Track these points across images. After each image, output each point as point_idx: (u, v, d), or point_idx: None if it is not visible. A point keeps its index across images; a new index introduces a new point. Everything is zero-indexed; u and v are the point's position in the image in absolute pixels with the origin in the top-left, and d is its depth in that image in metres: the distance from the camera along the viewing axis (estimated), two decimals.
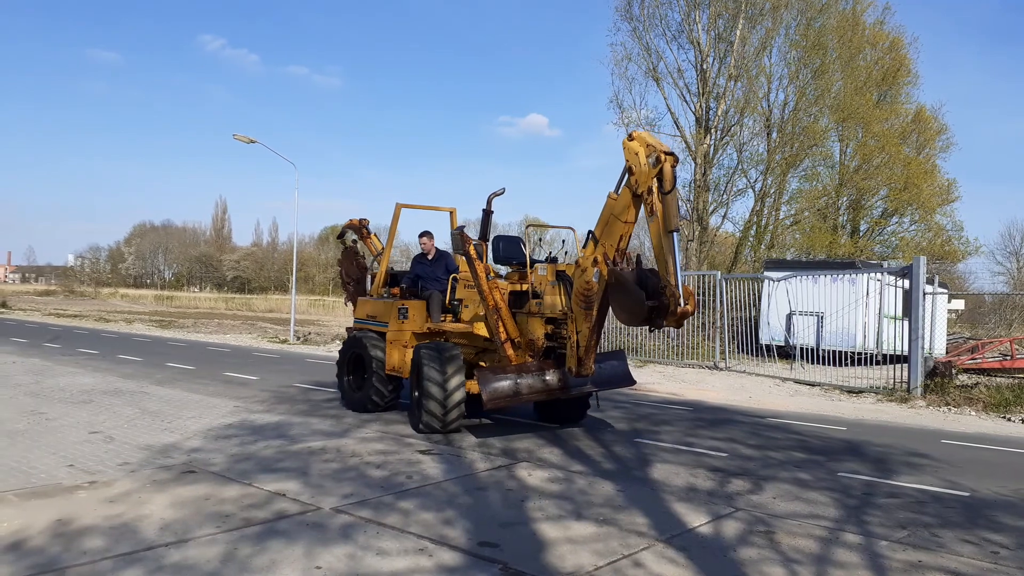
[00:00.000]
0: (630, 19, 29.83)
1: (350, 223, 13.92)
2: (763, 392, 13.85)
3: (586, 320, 7.65)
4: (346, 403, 10.57)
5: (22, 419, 8.92)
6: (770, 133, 29.96)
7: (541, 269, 8.84)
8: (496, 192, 10.09)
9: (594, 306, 7.59)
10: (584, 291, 7.59)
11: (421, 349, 8.95)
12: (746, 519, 5.64)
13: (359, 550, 4.73)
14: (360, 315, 11.06)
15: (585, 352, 7.83)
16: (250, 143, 25.96)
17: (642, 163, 6.91)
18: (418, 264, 10.55)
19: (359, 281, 13.67)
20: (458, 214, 11.55)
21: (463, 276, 9.65)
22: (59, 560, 4.44)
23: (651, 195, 6.86)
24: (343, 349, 10.78)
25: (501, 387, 8.11)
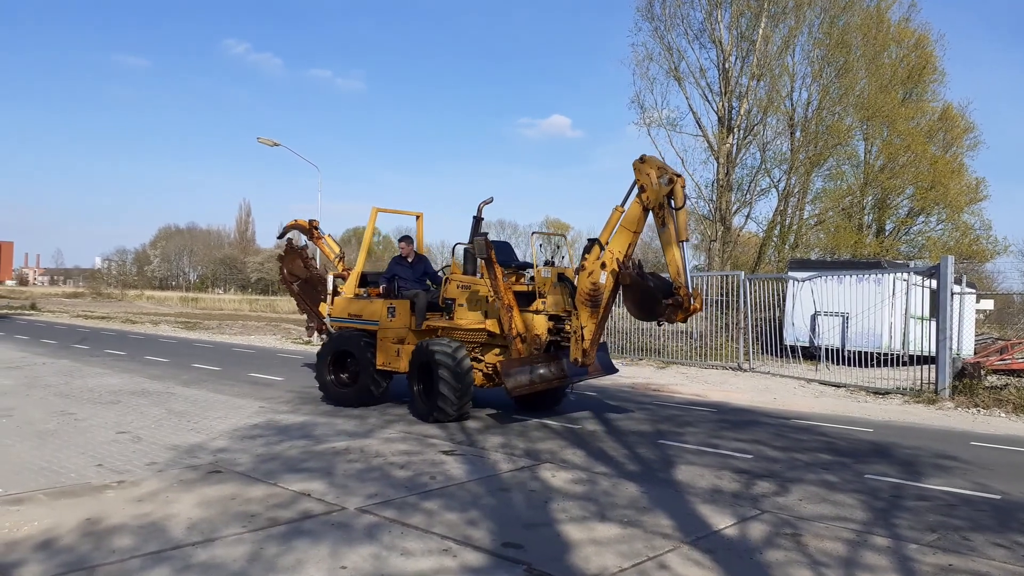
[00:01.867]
0: (651, 19, 29.68)
1: (296, 224, 14.01)
2: (788, 393, 13.73)
3: (592, 317, 8.75)
4: (331, 400, 10.86)
5: (52, 419, 9.05)
6: (793, 132, 29.69)
7: (545, 272, 9.78)
8: (485, 201, 10.70)
9: (600, 305, 8.72)
10: (591, 291, 8.67)
11: (432, 345, 9.55)
12: (772, 521, 5.59)
13: (384, 550, 4.74)
14: (341, 314, 11.35)
15: (590, 345, 8.85)
16: (274, 146, 26.19)
17: (654, 182, 8.18)
18: (397, 266, 11.30)
19: (307, 280, 13.74)
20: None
21: (455, 277, 10.26)
22: (89, 558, 4.50)
23: (662, 210, 8.18)
24: (324, 348, 11.13)
25: (521, 378, 9.09)
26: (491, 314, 9.74)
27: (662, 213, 8.23)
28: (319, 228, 13.57)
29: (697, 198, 30.04)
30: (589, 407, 11.24)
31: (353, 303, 11.30)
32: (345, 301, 11.41)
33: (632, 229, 8.60)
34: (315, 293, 13.68)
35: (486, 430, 9.13)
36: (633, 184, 8.50)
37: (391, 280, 11.10)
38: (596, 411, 10.88)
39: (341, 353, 10.86)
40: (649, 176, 8.26)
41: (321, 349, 11.23)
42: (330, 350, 10.95)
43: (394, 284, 11.01)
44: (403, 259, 11.38)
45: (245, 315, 47.74)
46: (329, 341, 11.20)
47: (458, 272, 10.39)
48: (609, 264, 8.63)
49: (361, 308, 11.09)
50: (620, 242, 8.63)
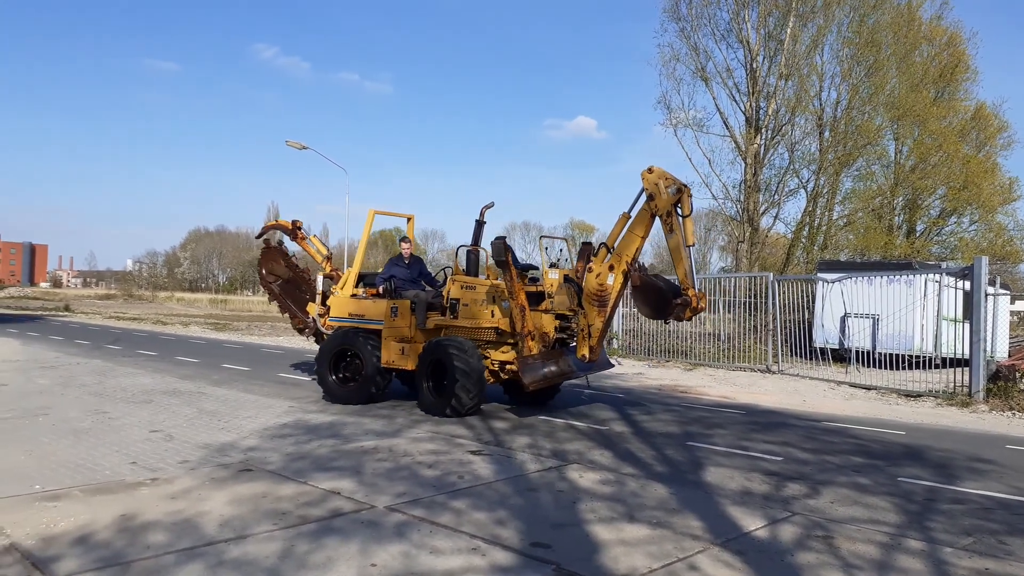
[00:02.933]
0: (678, 19, 29.58)
1: (277, 224, 13.98)
2: (817, 396, 13.59)
3: (599, 316, 9.32)
4: (332, 398, 10.98)
5: (87, 418, 9.20)
6: (822, 132, 29.41)
7: (553, 273, 10.31)
8: (487, 205, 11.27)
9: (608, 304, 9.30)
10: (598, 292, 9.23)
11: (446, 344, 9.97)
12: (803, 523, 5.54)
13: (413, 548, 4.77)
14: (341, 313, 11.49)
15: (597, 342, 9.46)
16: (302, 149, 26.41)
17: (662, 192, 8.72)
18: (395, 266, 11.61)
19: (289, 281, 13.73)
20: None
21: (458, 278, 10.70)
22: (124, 554, 4.57)
23: (670, 217, 8.74)
24: (325, 347, 11.25)
25: (538, 373, 9.66)
26: (498, 313, 10.15)
27: (670, 220, 8.79)
28: (303, 228, 13.55)
29: (724, 199, 29.89)
30: (616, 408, 11.21)
31: (355, 303, 11.45)
32: (345, 301, 11.55)
33: (639, 234, 9.16)
34: (298, 293, 13.66)
35: (513, 430, 9.14)
36: (640, 192, 9.00)
37: (388, 281, 11.36)
38: (623, 413, 10.84)
39: (342, 352, 11.02)
40: (658, 186, 8.77)
41: (322, 348, 11.36)
42: (331, 349, 11.10)
43: (391, 284, 11.29)
44: (400, 259, 11.70)
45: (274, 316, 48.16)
46: (329, 340, 11.30)
47: (460, 273, 10.84)
48: (618, 267, 9.19)
49: (364, 308, 11.28)
50: (628, 246, 9.19)
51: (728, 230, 29.86)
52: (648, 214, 9.00)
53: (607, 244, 9.39)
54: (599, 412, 10.81)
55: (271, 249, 14.00)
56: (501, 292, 10.16)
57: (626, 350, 20.56)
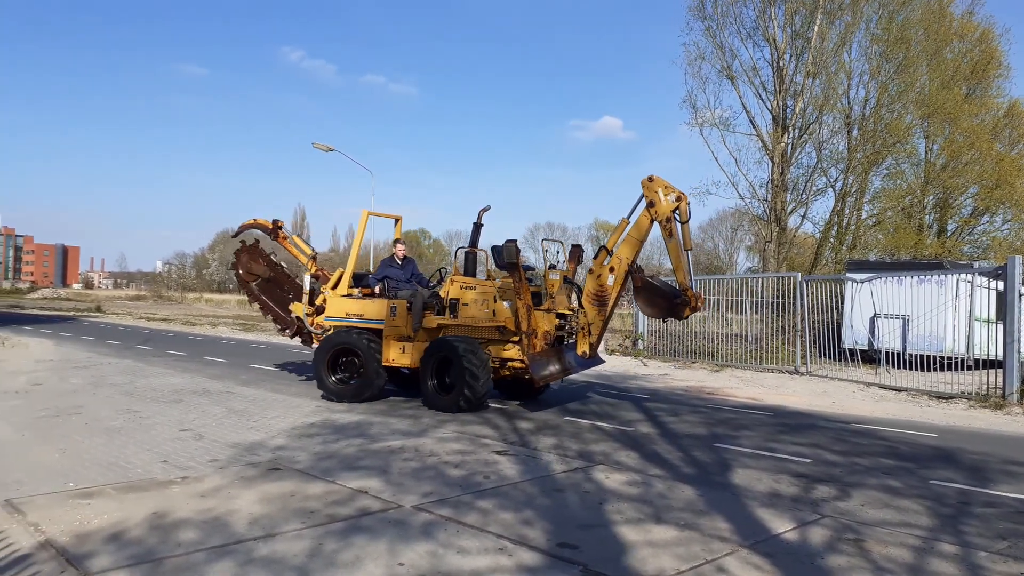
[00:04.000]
0: (703, 18, 29.34)
1: (256, 223, 13.84)
2: (846, 397, 13.43)
3: (599, 315, 9.90)
4: (331, 396, 11.12)
5: (118, 417, 9.34)
6: (851, 131, 29.01)
7: (553, 275, 10.74)
8: (484, 208, 11.69)
9: (608, 304, 9.85)
10: (599, 292, 9.84)
11: (454, 342, 10.27)
12: (833, 526, 5.47)
13: (440, 548, 4.78)
14: (338, 313, 11.62)
15: (596, 340, 10.06)
16: (328, 151, 26.60)
17: (662, 199, 9.39)
18: (388, 267, 11.92)
19: (269, 280, 13.69)
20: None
21: (458, 279, 10.97)
22: (156, 551, 4.63)
23: (669, 223, 9.38)
24: (322, 346, 11.38)
25: (546, 369, 10.16)
26: (500, 312, 10.50)
27: (669, 226, 9.42)
28: (284, 228, 13.53)
29: (751, 198, 29.62)
30: (642, 410, 11.16)
31: (352, 303, 11.59)
32: (342, 301, 11.66)
33: (639, 238, 9.76)
34: (280, 292, 13.63)
35: (538, 431, 9.13)
36: (640, 199, 9.61)
37: (383, 281, 11.67)
38: (649, 414, 10.79)
39: (340, 351, 11.17)
40: (658, 194, 9.41)
41: (319, 347, 11.46)
42: (329, 348, 11.23)
43: (385, 286, 11.61)
44: (393, 261, 12.00)
45: None
46: (327, 339, 11.41)
47: (459, 274, 11.11)
48: (618, 269, 9.77)
49: (362, 308, 11.44)
50: (628, 250, 9.76)
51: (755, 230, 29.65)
52: (648, 219, 9.59)
53: (606, 247, 9.97)
54: (625, 413, 10.76)
55: (249, 248, 13.86)
56: (501, 292, 10.57)
57: (651, 351, 20.46)
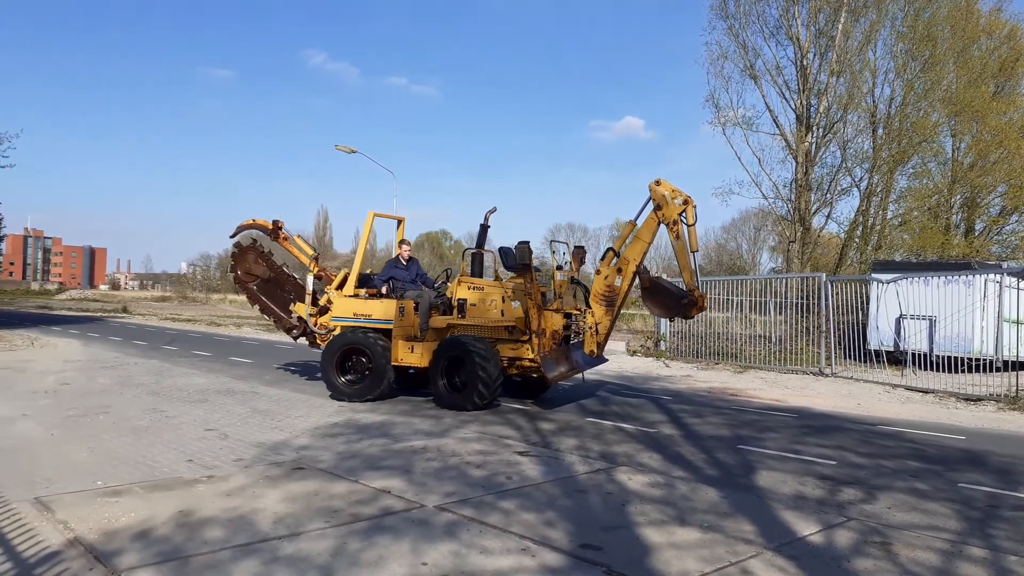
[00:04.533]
0: (725, 17, 29.12)
1: (254, 223, 13.73)
2: (872, 399, 13.28)
3: (607, 314, 10.24)
4: (340, 396, 11.20)
5: (145, 416, 9.45)
6: (876, 129, 28.66)
7: (561, 275, 11.06)
8: (490, 210, 11.88)
9: (615, 304, 10.22)
10: (606, 292, 10.18)
11: (466, 341, 10.44)
12: (859, 529, 5.41)
13: (463, 548, 4.79)
14: (346, 313, 11.71)
15: (604, 339, 10.40)
16: (351, 153, 26.74)
17: (670, 203, 9.71)
18: (394, 268, 12.08)
19: (269, 280, 13.66)
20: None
21: (466, 279, 11.18)
22: (183, 548, 4.68)
23: (676, 225, 9.71)
24: (330, 346, 11.44)
25: (558, 369, 10.43)
26: (509, 312, 10.76)
27: (676, 228, 9.74)
28: (284, 228, 13.51)
29: (775, 198, 29.37)
30: (665, 411, 11.11)
31: (361, 303, 11.68)
32: (350, 301, 11.74)
33: (646, 240, 10.08)
34: (280, 293, 13.63)
35: (560, 432, 9.12)
36: (647, 202, 9.95)
37: (388, 281, 11.86)
38: (672, 415, 10.74)
39: (348, 351, 11.28)
40: (665, 197, 9.76)
41: (327, 347, 11.52)
42: (337, 348, 11.31)
43: (391, 286, 11.80)
44: (398, 261, 12.15)
45: None
46: (336, 339, 11.47)
47: (466, 275, 11.34)
48: (625, 270, 10.08)
49: (371, 308, 11.55)
50: (636, 251, 10.08)
51: (779, 230, 29.31)
52: (655, 222, 9.91)
53: (614, 249, 10.28)
54: (647, 414, 10.72)
55: (247, 249, 13.81)
56: (509, 292, 10.80)
57: (674, 352, 20.36)
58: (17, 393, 11.31)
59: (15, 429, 8.53)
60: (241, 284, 13.91)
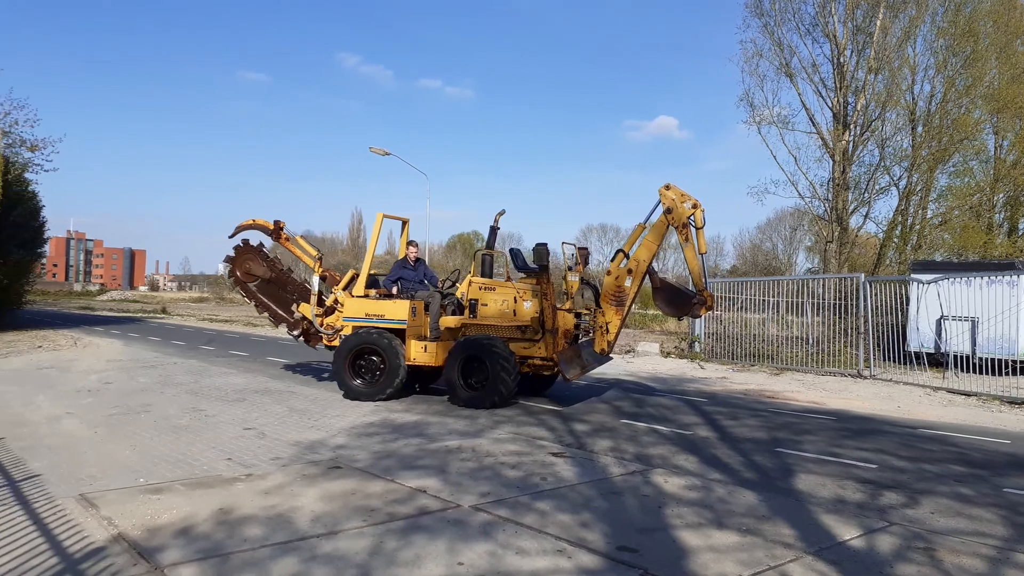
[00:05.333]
0: (760, 15, 28.89)
1: (254, 224, 13.65)
2: (913, 402, 13.03)
3: (617, 314, 10.55)
4: (353, 395, 11.29)
5: (184, 415, 9.61)
6: (915, 127, 28.15)
7: (572, 276, 11.33)
8: (499, 213, 12.21)
9: (625, 304, 10.53)
10: (616, 292, 10.49)
11: (486, 341, 10.69)
12: (902, 534, 5.31)
13: (499, 548, 4.79)
14: (357, 314, 11.77)
15: (614, 337, 10.69)
16: (385, 155, 26.92)
17: (679, 206, 10.07)
18: (402, 268, 12.26)
19: (270, 280, 13.64)
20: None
21: (477, 280, 11.47)
22: (223, 546, 4.74)
23: (685, 228, 10.10)
24: (343, 347, 11.51)
25: (572, 367, 10.56)
26: (521, 312, 11.13)
27: (685, 231, 10.12)
28: (285, 229, 13.50)
29: (811, 197, 29.03)
30: (700, 413, 11.01)
31: (373, 304, 11.75)
32: (361, 302, 11.81)
33: (656, 242, 10.45)
34: (281, 293, 13.61)
35: (594, 433, 9.09)
36: (656, 205, 10.31)
37: (397, 282, 12.03)
38: (708, 417, 10.65)
39: (361, 351, 11.36)
40: (675, 201, 10.10)
41: (340, 347, 11.59)
42: (350, 348, 11.39)
43: (400, 285, 12.00)
44: (406, 261, 12.29)
45: None
46: (348, 339, 11.53)
47: (477, 276, 11.59)
48: (636, 271, 10.42)
49: (383, 308, 11.63)
50: (645, 253, 10.42)
51: (815, 230, 28.92)
52: (664, 225, 10.27)
53: (623, 250, 10.61)
54: (682, 416, 10.64)
55: (247, 249, 13.77)
56: (520, 292, 11.17)
57: (709, 354, 20.18)
58: (62, 392, 11.57)
59: (60, 427, 8.73)
60: (239, 284, 13.88)
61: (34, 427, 8.70)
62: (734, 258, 79.70)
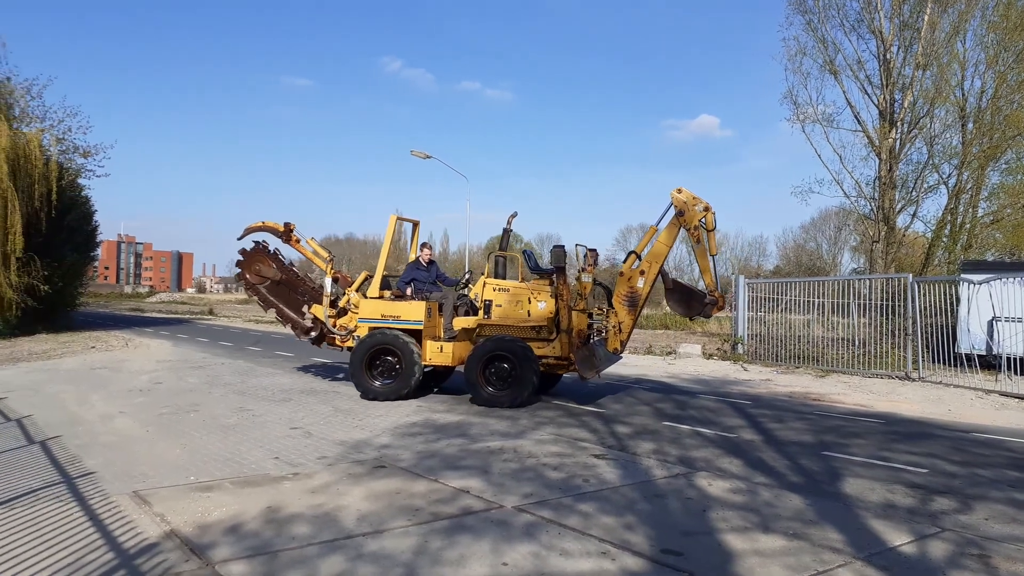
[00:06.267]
0: (804, 12, 28.44)
1: (264, 226, 13.59)
2: (964, 405, 12.72)
3: (629, 314, 10.94)
4: (370, 395, 11.36)
5: (233, 415, 9.79)
6: (965, 124, 27.43)
7: (586, 277, 11.47)
8: (512, 215, 12.35)
9: (638, 304, 10.90)
10: (629, 293, 10.86)
11: (512, 343, 10.92)
12: (955, 540, 5.20)
13: (543, 549, 4.80)
14: (373, 315, 11.82)
15: (627, 337, 11.06)
16: (426, 159, 27.10)
17: (691, 209, 10.54)
18: (415, 270, 12.34)
19: (280, 282, 13.63)
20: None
21: (491, 281, 11.58)
22: (272, 543, 4.83)
23: (696, 230, 10.55)
24: (360, 348, 11.57)
25: (589, 366, 10.61)
26: (535, 313, 11.28)
27: (697, 233, 10.54)
28: (296, 231, 13.52)
29: (857, 197, 28.50)
30: (744, 415, 10.89)
31: (389, 305, 11.83)
32: (376, 303, 11.88)
33: (668, 244, 10.86)
34: (292, 295, 13.65)
35: (636, 435, 9.04)
36: (668, 207, 10.72)
37: (411, 283, 12.13)
38: (752, 420, 10.52)
39: (376, 353, 11.47)
40: (686, 204, 10.57)
41: (357, 347, 11.66)
42: (367, 349, 11.48)
43: (414, 287, 12.09)
44: (419, 263, 12.42)
45: None
46: (365, 340, 11.59)
47: (491, 277, 11.71)
48: (648, 272, 10.78)
49: (399, 309, 11.72)
50: (658, 254, 10.78)
51: (861, 229, 28.36)
52: (676, 227, 10.68)
53: (636, 252, 10.96)
54: (726, 419, 10.53)
55: (257, 251, 13.81)
56: (535, 293, 11.31)
57: (752, 356, 19.93)
58: (114, 391, 11.87)
59: (114, 425, 8.97)
60: (249, 286, 14.00)
61: (89, 425, 8.95)
62: (777, 258, 78.64)
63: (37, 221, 22.63)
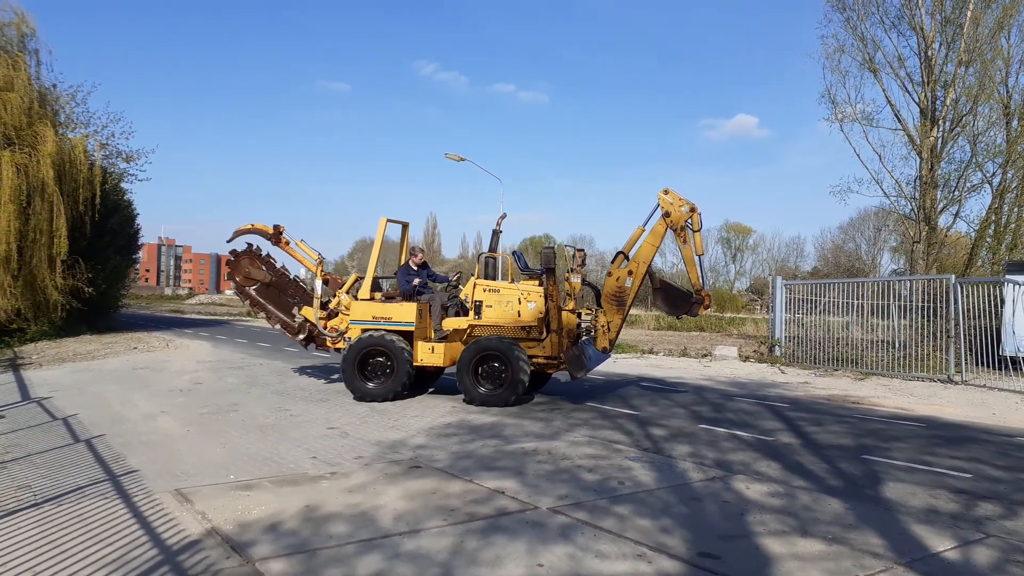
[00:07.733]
0: (842, 9, 28.01)
1: (253, 228, 13.61)
2: (1009, 409, 12.42)
3: (618, 314, 11.13)
4: (362, 397, 11.38)
5: (271, 415, 9.94)
6: (1010, 121, 26.79)
7: (575, 278, 11.57)
8: (501, 216, 12.71)
9: (626, 304, 11.10)
10: (617, 293, 11.05)
11: (503, 344, 10.99)
12: (1000, 546, 5.09)
13: (578, 551, 4.80)
14: (365, 317, 11.87)
15: (615, 336, 11.26)
16: (460, 161, 27.19)
17: (676, 210, 10.81)
18: (408, 272, 12.37)
19: (270, 284, 13.62)
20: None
21: (481, 282, 11.69)
22: (310, 542, 4.90)
23: (683, 231, 10.85)
24: (353, 348, 11.59)
25: (579, 366, 10.89)
26: (525, 313, 11.41)
27: (683, 234, 10.84)
28: (285, 233, 13.57)
29: (897, 196, 27.99)
30: (782, 418, 10.76)
31: (380, 306, 11.87)
32: (368, 305, 11.92)
33: (655, 244, 11.06)
34: (282, 297, 13.69)
35: (672, 438, 8.99)
36: (655, 209, 10.98)
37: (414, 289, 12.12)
38: (790, 423, 10.39)
39: (367, 355, 11.49)
40: (673, 205, 10.82)
41: (349, 349, 11.66)
42: (359, 350, 11.50)
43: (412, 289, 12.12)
44: (409, 267, 12.48)
45: None
46: (357, 342, 11.59)
47: (480, 278, 11.82)
48: (636, 272, 10.97)
49: (390, 311, 11.79)
50: (645, 254, 11.01)
51: (901, 230, 27.88)
52: (663, 228, 10.91)
53: (624, 252, 11.07)
54: (763, 422, 10.41)
55: (246, 253, 13.91)
56: (525, 294, 11.42)
57: (789, 358, 19.68)
58: (156, 391, 12.12)
59: (156, 425, 9.15)
60: (240, 289, 14.11)
61: (131, 424, 9.15)
62: (815, 259, 77.54)
63: (82, 225, 23.15)
